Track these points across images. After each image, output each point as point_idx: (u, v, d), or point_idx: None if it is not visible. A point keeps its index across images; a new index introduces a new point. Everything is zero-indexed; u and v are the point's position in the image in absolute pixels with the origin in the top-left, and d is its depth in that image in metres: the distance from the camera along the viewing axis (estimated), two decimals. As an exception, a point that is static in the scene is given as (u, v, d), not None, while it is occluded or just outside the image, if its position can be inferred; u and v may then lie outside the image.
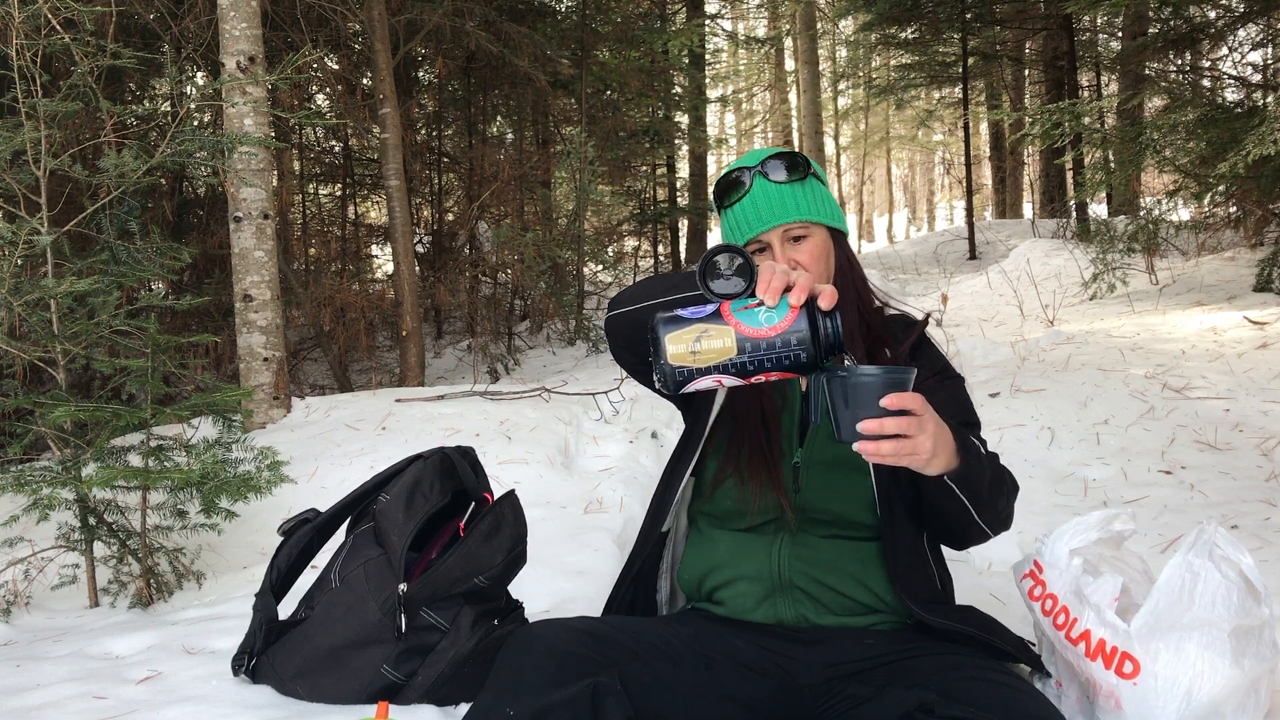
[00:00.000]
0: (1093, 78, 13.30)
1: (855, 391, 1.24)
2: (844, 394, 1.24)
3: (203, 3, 5.34)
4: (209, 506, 2.62)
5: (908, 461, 1.29)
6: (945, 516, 1.47)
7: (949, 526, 1.51)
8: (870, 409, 1.24)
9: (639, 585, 1.71)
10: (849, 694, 1.44)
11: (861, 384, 1.24)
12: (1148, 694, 1.43)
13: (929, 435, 1.29)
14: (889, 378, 1.25)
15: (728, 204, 1.62)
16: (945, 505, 1.43)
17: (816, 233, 1.60)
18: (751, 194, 1.59)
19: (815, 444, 1.59)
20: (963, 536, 1.54)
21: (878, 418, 1.24)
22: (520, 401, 4.47)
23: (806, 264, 1.58)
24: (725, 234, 1.65)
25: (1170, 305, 5.99)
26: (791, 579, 1.56)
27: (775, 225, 1.57)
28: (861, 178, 26.93)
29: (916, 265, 12.35)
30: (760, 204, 1.58)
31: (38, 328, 2.65)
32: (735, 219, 1.61)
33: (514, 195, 8.90)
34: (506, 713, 1.28)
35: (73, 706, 1.77)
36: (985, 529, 1.49)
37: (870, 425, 1.24)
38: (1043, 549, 1.69)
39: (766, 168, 1.61)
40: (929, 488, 1.41)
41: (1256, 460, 3.29)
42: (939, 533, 1.59)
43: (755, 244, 1.60)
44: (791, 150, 1.63)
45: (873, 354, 1.64)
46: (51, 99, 2.72)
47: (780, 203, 1.58)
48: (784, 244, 1.58)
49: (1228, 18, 7.21)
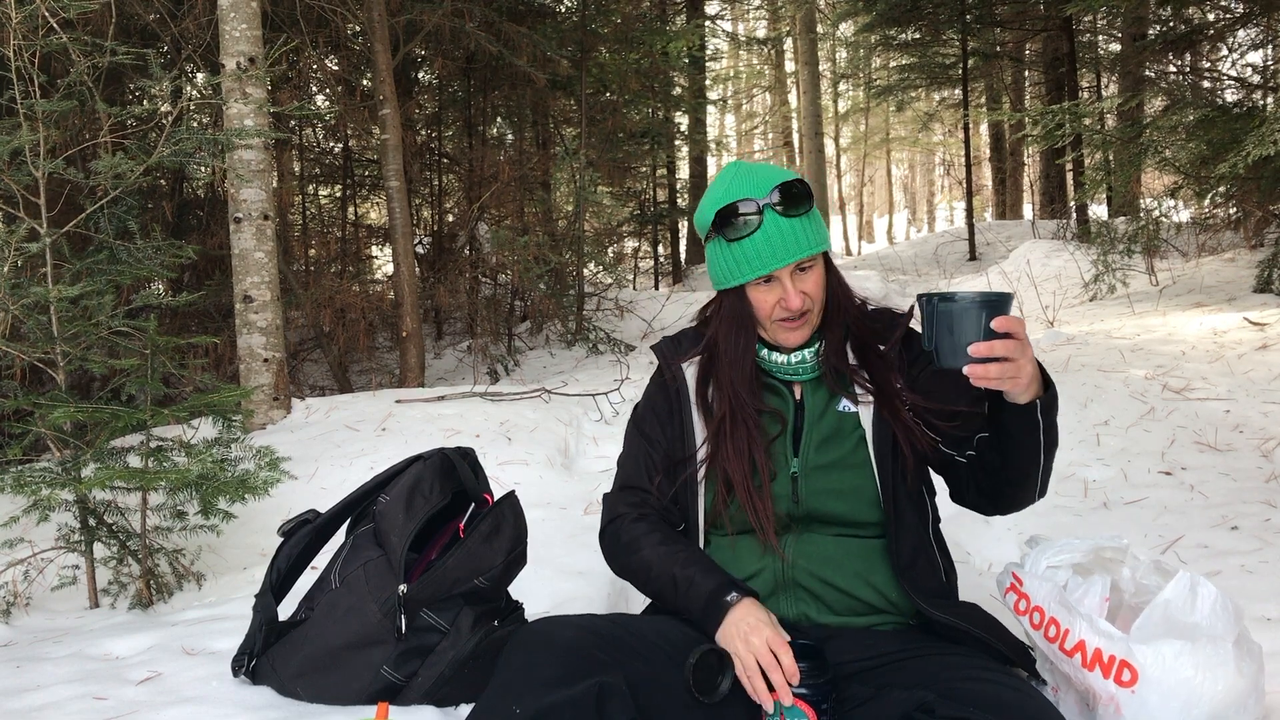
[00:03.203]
0: (1093, 79, 13.31)
1: (960, 318, 1.28)
2: (949, 322, 1.29)
3: (203, 3, 5.34)
4: (207, 507, 2.62)
5: (1010, 385, 1.32)
6: (1018, 454, 1.43)
7: (1012, 472, 1.46)
8: (974, 334, 1.28)
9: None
10: (850, 694, 1.44)
11: (965, 311, 1.28)
12: (1147, 701, 1.42)
13: (1029, 359, 1.32)
14: (992, 303, 1.29)
15: (734, 237, 1.57)
16: (1023, 439, 1.40)
17: (819, 260, 1.61)
18: (764, 229, 1.55)
19: (809, 451, 1.60)
20: (1019, 484, 1.48)
21: (986, 341, 1.28)
22: (520, 402, 4.47)
23: (813, 293, 1.59)
24: (727, 264, 1.60)
25: (1170, 306, 5.99)
26: (795, 577, 1.57)
27: (790, 262, 1.55)
28: (861, 179, 26.95)
29: (916, 266, 12.35)
30: (775, 241, 1.55)
31: (36, 329, 2.65)
32: (745, 253, 1.57)
33: (514, 196, 8.90)
34: (511, 710, 1.28)
35: (73, 707, 1.76)
36: (1042, 479, 1.48)
37: (980, 348, 1.28)
38: (1024, 560, 1.68)
39: (774, 199, 1.57)
40: (1013, 418, 1.39)
41: (1256, 461, 3.28)
42: (995, 485, 1.52)
43: (764, 277, 1.58)
44: (794, 178, 1.60)
45: (863, 356, 1.64)
46: (49, 99, 2.72)
47: (794, 239, 1.55)
48: (792, 276, 1.57)
49: (1227, 19, 7.21)
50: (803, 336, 1.62)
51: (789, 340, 1.61)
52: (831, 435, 1.61)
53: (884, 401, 1.60)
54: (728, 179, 1.63)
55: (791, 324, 1.59)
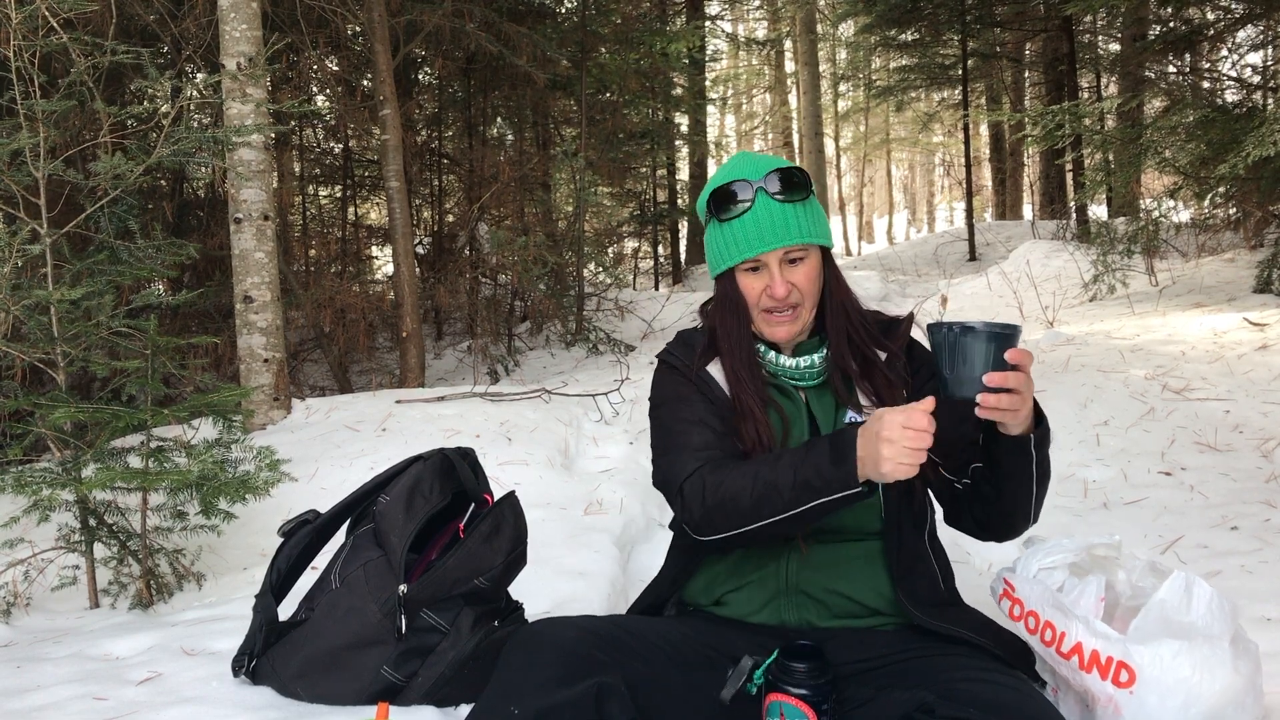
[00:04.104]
0: (1093, 79, 13.30)
1: (975, 349, 1.30)
2: (965, 352, 1.30)
3: (203, 4, 5.34)
4: (208, 508, 2.62)
5: (1012, 418, 1.33)
6: (1011, 484, 1.44)
7: (1005, 502, 1.47)
8: (987, 364, 1.30)
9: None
10: (850, 695, 1.44)
11: (981, 341, 1.30)
12: (1146, 701, 1.43)
13: (1031, 391, 1.34)
14: (1006, 335, 1.30)
15: (726, 217, 1.55)
16: (1016, 470, 1.42)
17: (813, 254, 1.56)
18: (754, 211, 1.53)
19: None
20: (1010, 513, 1.49)
21: (1000, 372, 1.30)
22: (520, 403, 4.47)
23: (803, 286, 1.54)
24: (718, 246, 1.58)
25: (1170, 307, 5.99)
26: (798, 585, 1.57)
27: (777, 247, 1.52)
28: (861, 179, 26.95)
29: (916, 266, 12.35)
30: (764, 223, 1.52)
31: (36, 330, 2.65)
32: (734, 234, 1.55)
33: (514, 196, 8.90)
34: (510, 711, 1.28)
35: (73, 707, 1.76)
36: (1032, 510, 1.48)
37: (996, 378, 1.30)
38: (1016, 565, 1.68)
39: (769, 184, 1.54)
40: (1007, 451, 1.40)
41: (1256, 461, 3.29)
42: (987, 514, 1.52)
43: (752, 263, 1.55)
44: (793, 166, 1.57)
45: (866, 365, 1.61)
46: (50, 100, 2.72)
47: (784, 223, 1.52)
48: (781, 265, 1.53)
49: (1227, 19, 7.21)
50: (789, 332, 1.57)
51: (775, 334, 1.57)
52: None
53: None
54: (730, 164, 1.63)
55: (777, 316, 1.55)
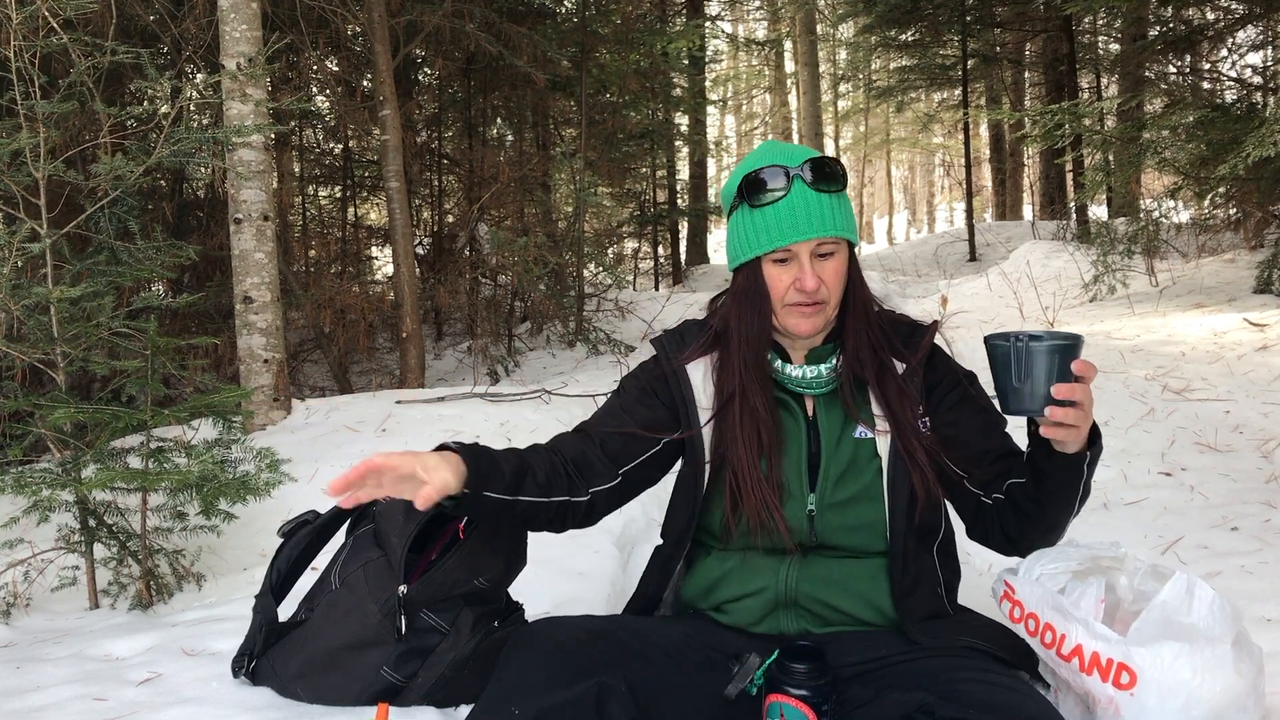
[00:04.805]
0: (1092, 79, 13.31)
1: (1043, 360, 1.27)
2: (1033, 363, 1.28)
3: (203, 4, 5.34)
4: (208, 508, 2.62)
5: (1075, 434, 1.30)
6: (1053, 503, 1.41)
7: (1045, 520, 1.45)
8: (1054, 376, 1.27)
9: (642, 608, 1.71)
10: (850, 696, 1.44)
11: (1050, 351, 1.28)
12: (1146, 703, 1.42)
13: (1093, 405, 1.31)
14: (1073, 345, 1.28)
15: (760, 203, 1.48)
16: (1062, 490, 1.39)
17: (842, 249, 1.51)
18: (790, 199, 1.46)
19: (827, 486, 1.54)
20: (1048, 531, 1.48)
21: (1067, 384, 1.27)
22: (520, 403, 4.47)
23: (830, 282, 1.49)
24: (747, 233, 1.51)
25: (1170, 307, 5.99)
26: (798, 598, 1.55)
27: (812, 237, 1.46)
28: (861, 179, 26.94)
29: (916, 267, 12.35)
30: (799, 212, 1.46)
31: (36, 330, 2.65)
32: (766, 221, 1.48)
33: (514, 197, 8.90)
34: (511, 711, 1.28)
35: (73, 708, 1.76)
36: (1066, 526, 1.47)
37: (1063, 390, 1.27)
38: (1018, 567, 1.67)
39: (805, 172, 1.48)
40: (1060, 468, 1.37)
41: (1256, 462, 3.28)
42: (1022, 530, 1.50)
43: (782, 253, 1.48)
44: (831, 157, 1.52)
45: (880, 375, 1.56)
46: (50, 100, 2.72)
47: (820, 214, 1.46)
48: (812, 259, 1.47)
49: (1227, 19, 7.21)
50: (814, 326, 1.51)
51: (800, 328, 1.51)
52: (849, 466, 1.54)
53: (901, 436, 1.53)
54: (760, 151, 1.57)
55: (805, 309, 1.49)
